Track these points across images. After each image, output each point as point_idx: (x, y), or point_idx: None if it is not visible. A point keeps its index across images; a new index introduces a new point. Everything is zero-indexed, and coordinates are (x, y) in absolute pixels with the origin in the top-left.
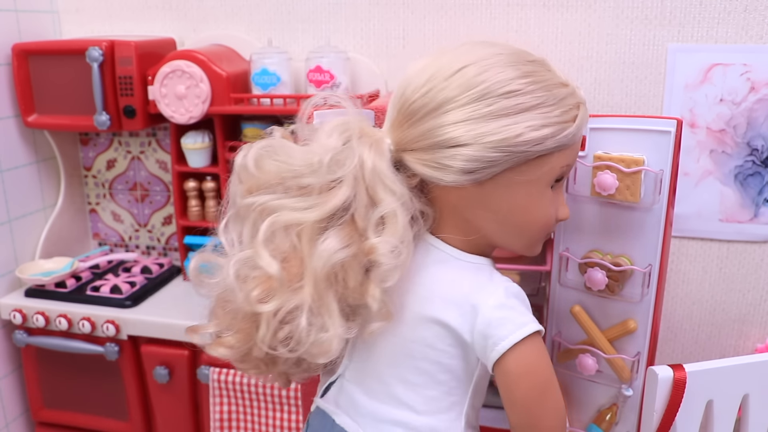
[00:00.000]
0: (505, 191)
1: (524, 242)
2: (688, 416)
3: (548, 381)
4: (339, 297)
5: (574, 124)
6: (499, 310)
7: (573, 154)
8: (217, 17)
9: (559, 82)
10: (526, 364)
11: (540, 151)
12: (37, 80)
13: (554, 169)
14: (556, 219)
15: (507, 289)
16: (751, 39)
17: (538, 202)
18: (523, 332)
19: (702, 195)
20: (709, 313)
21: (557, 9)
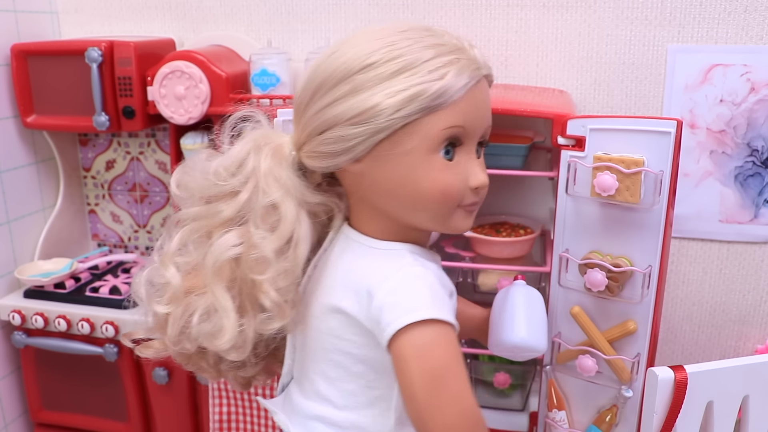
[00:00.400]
0: (386, 165)
1: (429, 216)
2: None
3: (442, 371)
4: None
5: (442, 81)
6: (391, 294)
7: (457, 113)
8: (216, 18)
9: (434, 44)
10: (413, 349)
11: (404, 117)
12: (36, 81)
13: (432, 133)
14: (469, 187)
15: (408, 274)
16: (751, 39)
17: (424, 172)
18: (411, 317)
19: (702, 196)
20: (709, 314)
21: (557, 9)
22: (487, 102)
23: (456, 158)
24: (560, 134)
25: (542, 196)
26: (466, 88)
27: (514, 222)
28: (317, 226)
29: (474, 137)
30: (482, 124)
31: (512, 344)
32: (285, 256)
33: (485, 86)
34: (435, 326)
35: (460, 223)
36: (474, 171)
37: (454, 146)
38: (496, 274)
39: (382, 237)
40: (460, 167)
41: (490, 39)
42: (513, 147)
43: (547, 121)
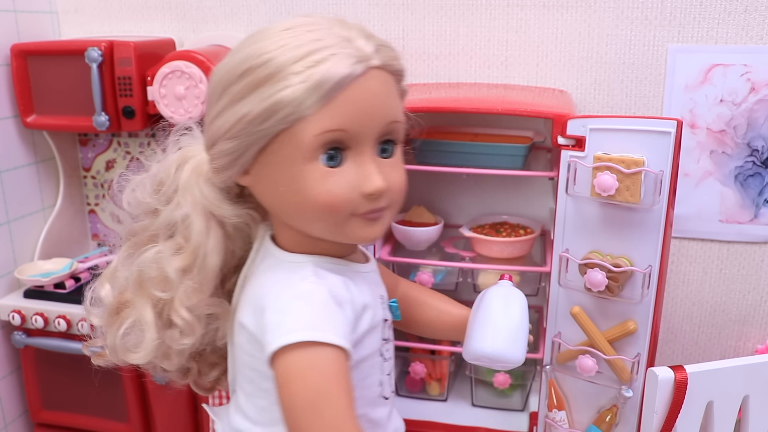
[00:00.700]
0: (271, 177)
1: (322, 227)
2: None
3: (316, 397)
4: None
5: (306, 84)
6: (277, 314)
7: (333, 116)
8: (216, 18)
9: (310, 40)
10: (287, 373)
11: (271, 126)
12: (36, 81)
13: (304, 140)
14: (361, 194)
15: (295, 291)
16: (751, 39)
17: (304, 182)
18: (287, 339)
19: (702, 196)
20: (710, 314)
21: (557, 9)
22: (382, 95)
23: (345, 164)
24: (560, 134)
25: (542, 196)
26: (340, 87)
27: (514, 222)
28: (241, 239)
29: (366, 138)
30: (374, 123)
31: (481, 353)
32: (191, 274)
33: (377, 79)
34: (313, 349)
35: (360, 233)
36: (368, 176)
37: (342, 150)
38: (496, 274)
39: (292, 248)
40: (349, 173)
41: (490, 39)
42: (513, 147)
43: (547, 121)
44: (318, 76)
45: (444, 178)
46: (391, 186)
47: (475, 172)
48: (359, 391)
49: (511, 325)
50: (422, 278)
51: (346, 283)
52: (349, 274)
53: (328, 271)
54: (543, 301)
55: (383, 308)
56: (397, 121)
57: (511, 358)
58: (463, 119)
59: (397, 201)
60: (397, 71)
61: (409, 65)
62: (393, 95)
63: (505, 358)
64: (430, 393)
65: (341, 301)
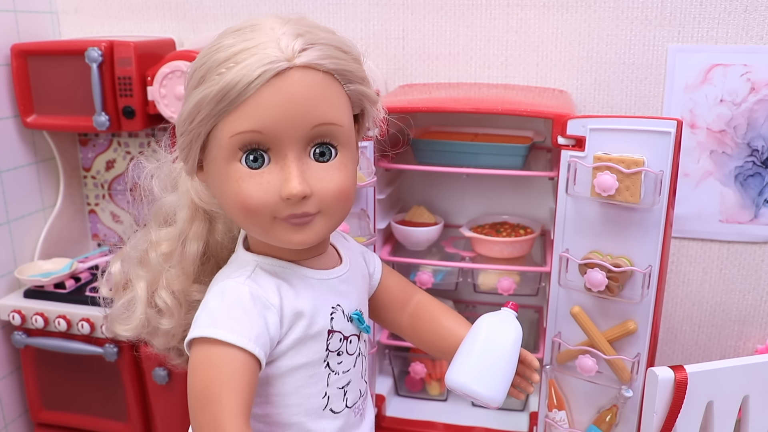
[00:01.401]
0: (209, 175)
1: (250, 228)
2: (688, 417)
3: (204, 394)
4: (154, 287)
5: (218, 86)
6: (201, 307)
7: (248, 118)
8: (216, 17)
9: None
10: (190, 365)
11: (197, 126)
12: (36, 81)
13: (223, 141)
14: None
15: (219, 288)
16: (751, 39)
17: (226, 183)
18: (194, 333)
19: (702, 196)
20: (710, 314)
21: (557, 9)
22: (306, 96)
23: (270, 166)
24: (560, 134)
25: (542, 196)
26: (252, 88)
27: (514, 222)
28: (228, 232)
29: (288, 141)
30: (294, 125)
31: (455, 384)
32: (173, 260)
33: (303, 80)
34: (212, 346)
35: (287, 237)
36: (287, 179)
37: (267, 151)
38: (496, 274)
39: (251, 246)
40: (270, 176)
41: (490, 39)
42: (513, 147)
43: (547, 121)
44: (230, 78)
45: (444, 178)
46: (322, 192)
47: (475, 172)
48: (295, 399)
49: (492, 361)
50: (422, 278)
51: (280, 288)
52: (291, 279)
53: (268, 273)
54: (543, 301)
55: (335, 318)
56: (331, 123)
57: (484, 395)
58: (463, 119)
59: (332, 207)
60: (336, 71)
61: (409, 65)
62: (328, 96)
63: (477, 394)
64: (430, 393)
65: (266, 304)
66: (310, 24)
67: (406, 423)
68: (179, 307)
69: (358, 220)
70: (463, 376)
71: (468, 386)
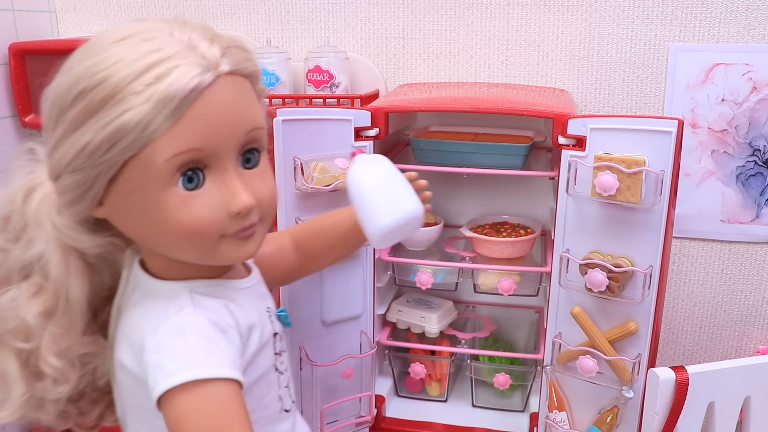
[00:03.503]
0: (127, 207)
1: (192, 254)
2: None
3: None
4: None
5: (148, 105)
6: (155, 353)
7: (184, 136)
8: (215, 17)
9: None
10: (174, 419)
11: (117, 155)
12: (34, 80)
13: (155, 167)
14: (228, 213)
15: (172, 326)
16: (753, 38)
17: (163, 212)
18: (168, 382)
19: (703, 196)
20: (711, 315)
21: (557, 9)
22: (237, 103)
23: (207, 184)
24: (561, 134)
25: (543, 196)
26: (187, 103)
27: (515, 222)
28: (108, 268)
29: (226, 153)
30: (233, 134)
31: (387, 230)
32: (56, 317)
33: (229, 86)
34: (198, 388)
35: (234, 254)
36: (234, 194)
37: (202, 170)
38: (496, 275)
39: (164, 274)
40: (212, 194)
41: (490, 38)
42: (513, 147)
43: (547, 121)
44: (161, 94)
45: (444, 178)
46: (261, 198)
47: (476, 172)
48: (259, 411)
49: (391, 188)
50: (422, 278)
51: (227, 306)
52: (230, 294)
53: (207, 296)
54: (543, 301)
55: (271, 322)
56: (259, 127)
57: (411, 214)
58: (463, 119)
59: (269, 212)
60: (251, 73)
61: (409, 65)
62: (250, 100)
63: (407, 217)
64: (430, 393)
65: (224, 327)
66: (203, 25)
67: (406, 423)
68: (72, 368)
69: None
70: (382, 221)
71: (392, 223)
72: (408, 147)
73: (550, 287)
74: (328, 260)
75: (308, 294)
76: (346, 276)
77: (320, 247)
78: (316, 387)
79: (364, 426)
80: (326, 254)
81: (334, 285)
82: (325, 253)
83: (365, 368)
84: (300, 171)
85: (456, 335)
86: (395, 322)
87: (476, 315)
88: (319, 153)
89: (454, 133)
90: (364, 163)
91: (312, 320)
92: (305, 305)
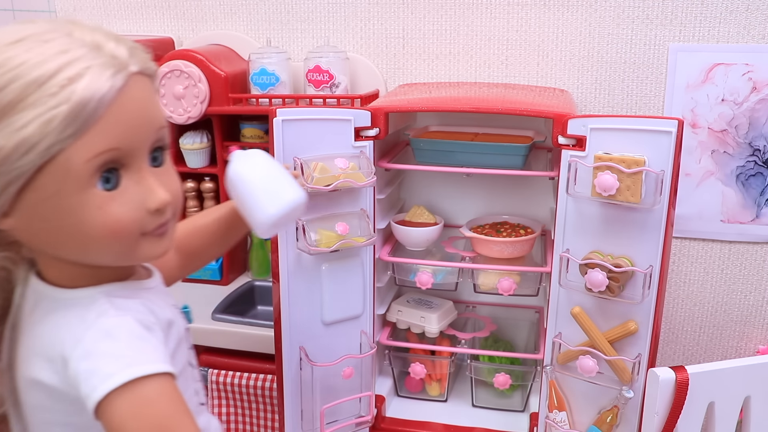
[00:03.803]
0: (39, 214)
1: (110, 257)
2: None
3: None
4: None
5: (67, 105)
6: (84, 360)
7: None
8: (215, 17)
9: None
10: (118, 422)
11: (33, 160)
12: None
13: (75, 169)
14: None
15: (99, 331)
16: (753, 38)
17: (83, 214)
18: (107, 386)
19: (703, 196)
20: (711, 315)
21: (557, 9)
22: (147, 102)
23: (123, 183)
24: (561, 134)
25: (543, 196)
26: (105, 102)
27: (515, 222)
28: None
29: (140, 151)
30: (146, 133)
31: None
32: None
33: (139, 85)
34: (139, 386)
35: (152, 251)
36: (151, 191)
37: (117, 170)
38: (496, 275)
39: (70, 283)
40: (131, 192)
41: (490, 38)
42: (513, 147)
43: (547, 121)
44: (78, 96)
45: (444, 178)
46: (173, 195)
47: (476, 172)
48: None
49: (273, 179)
50: (422, 278)
51: (146, 305)
52: (144, 294)
53: (124, 298)
54: (543, 301)
55: (181, 317)
56: (165, 125)
57: (295, 202)
58: (463, 119)
59: (179, 209)
60: (154, 73)
61: (409, 65)
62: (156, 99)
63: (291, 205)
64: (430, 393)
65: (149, 325)
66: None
67: (406, 424)
68: None
69: (358, 220)
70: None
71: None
72: (408, 147)
73: (550, 287)
74: (209, 257)
75: (308, 294)
76: (346, 276)
77: (200, 246)
78: (316, 387)
79: (364, 426)
80: (206, 251)
81: (334, 285)
82: (206, 251)
83: (365, 368)
84: (300, 171)
85: (456, 335)
86: (395, 322)
87: (476, 315)
88: (319, 153)
89: (454, 133)
90: (244, 158)
91: (312, 320)
92: (305, 305)
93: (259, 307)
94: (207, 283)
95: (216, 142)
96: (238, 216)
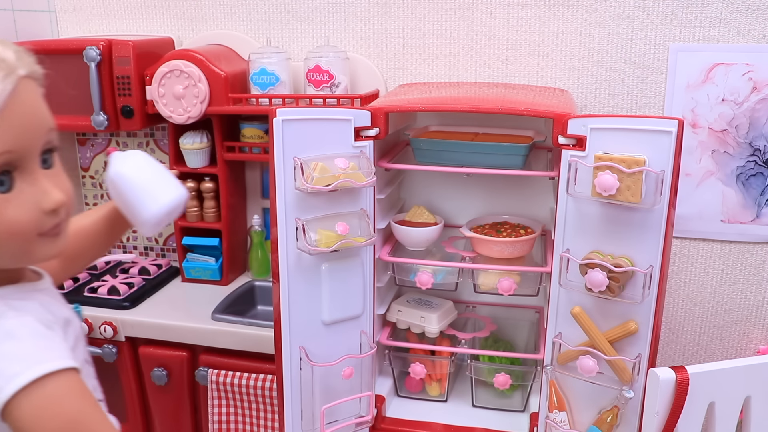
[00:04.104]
0: None
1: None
2: (689, 418)
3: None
4: None
5: None
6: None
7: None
8: (215, 17)
9: None
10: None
11: None
12: None
13: None
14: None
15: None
16: (753, 38)
17: None
18: (12, 386)
19: (703, 195)
20: (711, 315)
21: (558, 9)
22: (37, 105)
23: (17, 185)
24: (561, 134)
25: (543, 196)
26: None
27: (515, 222)
28: None
29: (32, 153)
30: (38, 135)
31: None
32: None
33: (28, 88)
34: (46, 383)
35: (48, 251)
36: (45, 192)
37: (11, 172)
38: (496, 274)
39: None
40: (26, 194)
41: (490, 38)
42: (513, 147)
43: (547, 121)
44: None
45: (444, 178)
46: (66, 195)
47: (476, 172)
48: None
49: (155, 178)
50: (422, 278)
51: (43, 305)
52: (38, 295)
53: (19, 300)
54: (543, 301)
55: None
56: (54, 128)
57: (177, 199)
58: (463, 119)
59: (71, 210)
60: (40, 76)
61: (409, 65)
62: (44, 102)
63: (174, 203)
64: (430, 393)
65: (49, 324)
66: None
67: (406, 424)
68: None
69: (358, 220)
70: (154, 209)
71: (163, 210)
72: (408, 147)
73: (550, 287)
74: (90, 258)
75: (308, 294)
76: (346, 276)
77: (81, 248)
78: (316, 387)
79: (364, 426)
80: (87, 253)
81: (334, 285)
82: (87, 252)
83: (365, 368)
84: (300, 171)
85: (456, 335)
86: (395, 322)
87: (476, 315)
88: (319, 153)
89: (454, 133)
90: (123, 159)
91: (312, 320)
92: (305, 305)
93: (259, 307)
94: (207, 283)
95: (216, 142)
96: (118, 216)
